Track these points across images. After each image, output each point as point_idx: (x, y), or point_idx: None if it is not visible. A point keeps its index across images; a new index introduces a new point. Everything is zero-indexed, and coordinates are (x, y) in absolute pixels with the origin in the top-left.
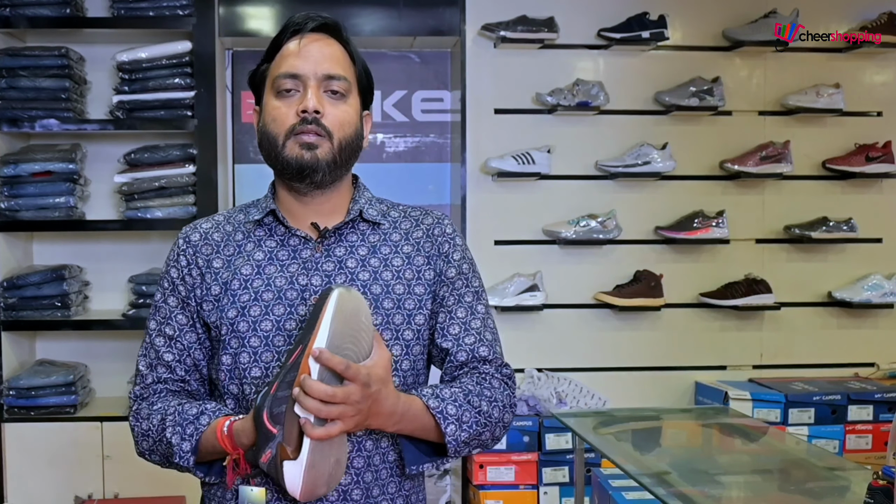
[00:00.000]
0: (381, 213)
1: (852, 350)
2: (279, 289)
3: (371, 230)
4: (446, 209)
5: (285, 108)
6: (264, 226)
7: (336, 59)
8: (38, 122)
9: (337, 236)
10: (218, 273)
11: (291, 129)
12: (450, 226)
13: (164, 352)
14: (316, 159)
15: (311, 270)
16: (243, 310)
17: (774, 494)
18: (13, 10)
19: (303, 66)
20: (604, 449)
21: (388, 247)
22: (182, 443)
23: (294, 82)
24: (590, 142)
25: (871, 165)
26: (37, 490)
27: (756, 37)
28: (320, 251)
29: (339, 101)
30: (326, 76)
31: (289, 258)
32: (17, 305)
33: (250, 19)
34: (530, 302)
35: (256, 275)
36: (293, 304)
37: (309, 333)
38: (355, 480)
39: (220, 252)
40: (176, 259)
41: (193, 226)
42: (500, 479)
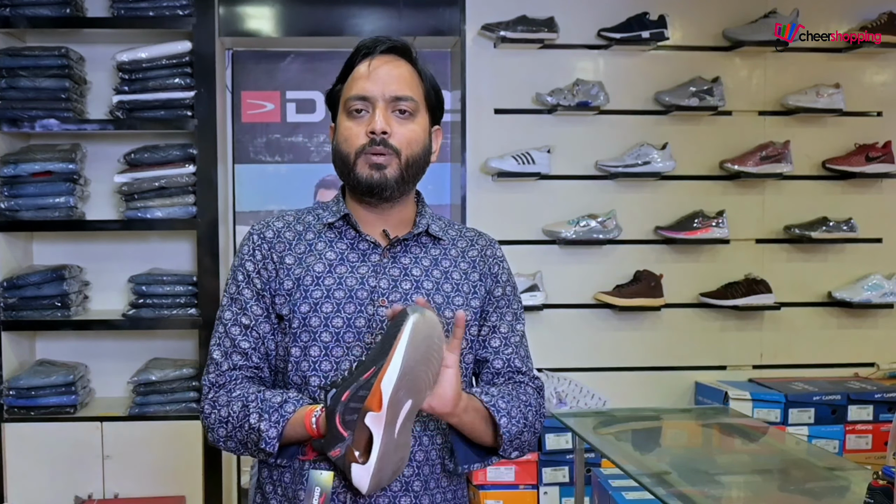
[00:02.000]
0: (442, 230)
1: (852, 350)
2: (350, 288)
3: (433, 244)
4: (446, 209)
5: (356, 128)
6: (335, 229)
7: (404, 79)
8: (38, 122)
9: (403, 246)
10: (290, 269)
11: (361, 149)
12: (499, 249)
13: (241, 340)
14: (385, 178)
15: (379, 274)
16: (316, 305)
17: (774, 494)
18: (13, 10)
19: (372, 88)
20: (604, 449)
21: (448, 261)
22: (269, 429)
23: (364, 103)
24: (590, 142)
25: (871, 165)
26: (37, 490)
27: (756, 37)
28: (388, 257)
29: (407, 120)
30: (394, 97)
31: (359, 260)
32: (17, 305)
33: (250, 19)
34: (530, 302)
35: (328, 273)
36: (363, 304)
37: (383, 356)
38: (416, 473)
39: (291, 249)
40: (252, 253)
41: (266, 223)
42: (500, 479)
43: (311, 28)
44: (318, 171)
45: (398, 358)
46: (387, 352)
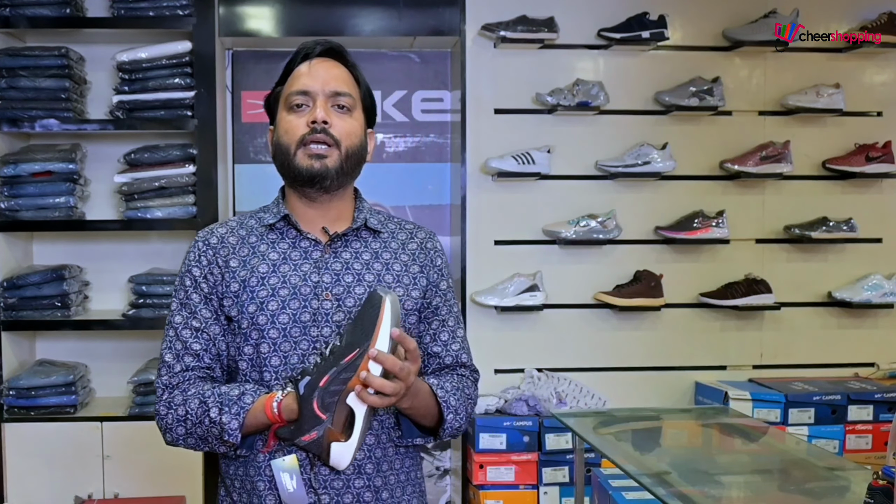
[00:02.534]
0: (381, 223)
1: (852, 350)
2: (294, 285)
3: (373, 238)
4: (446, 209)
5: (297, 120)
6: (276, 230)
7: (342, 78)
8: (38, 122)
9: (343, 241)
10: (235, 272)
11: (302, 139)
12: (439, 242)
13: (192, 342)
14: (325, 168)
15: (321, 269)
16: (262, 304)
17: (774, 494)
18: (13, 10)
19: (312, 83)
20: (604, 449)
21: (388, 253)
22: (231, 421)
23: (304, 98)
24: (590, 142)
25: (871, 165)
26: (37, 490)
27: (756, 37)
28: (329, 253)
29: (346, 114)
30: (334, 92)
31: (301, 258)
32: (17, 305)
33: (250, 19)
34: (530, 302)
35: (272, 273)
36: (307, 299)
37: (366, 338)
38: (368, 456)
39: (235, 253)
40: (197, 259)
41: (210, 230)
42: (500, 479)
43: (311, 28)
44: None
45: (384, 337)
46: (369, 333)
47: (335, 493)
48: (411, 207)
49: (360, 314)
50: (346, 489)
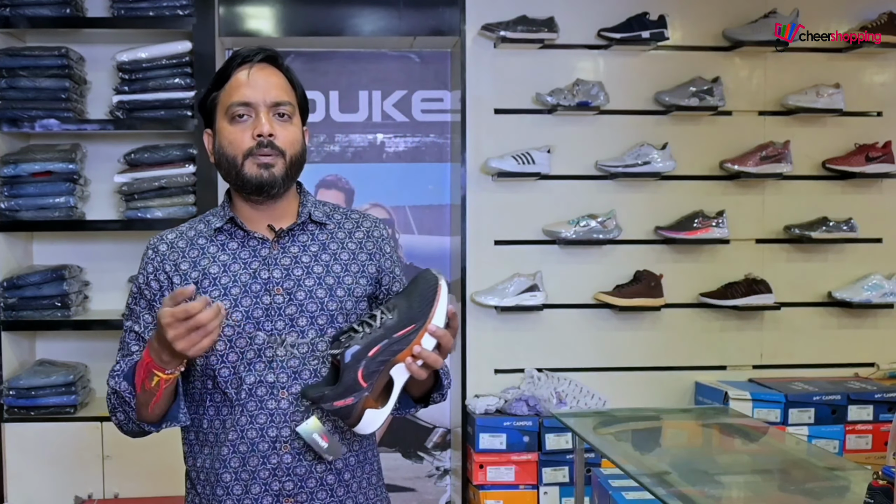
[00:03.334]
0: (325, 215)
1: (852, 350)
2: (245, 283)
3: (319, 230)
4: (446, 209)
5: (240, 132)
6: (225, 231)
7: (281, 87)
8: (38, 122)
9: (290, 236)
10: (186, 274)
11: (249, 151)
12: (386, 229)
13: (133, 344)
14: (273, 177)
15: (271, 266)
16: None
17: (774, 494)
18: (13, 10)
19: (253, 94)
20: (604, 449)
21: (335, 244)
22: (122, 381)
23: (246, 109)
24: (590, 142)
25: (871, 165)
26: (37, 490)
27: (756, 37)
28: (277, 249)
29: (287, 122)
30: (275, 103)
31: (250, 257)
32: (17, 305)
33: (250, 19)
34: (530, 302)
35: (223, 273)
36: (258, 295)
37: (422, 314)
38: None
39: (185, 256)
40: (144, 267)
41: (160, 237)
42: (500, 479)
43: (311, 28)
44: (318, 172)
45: (441, 313)
46: (425, 309)
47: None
48: (411, 207)
49: (411, 291)
50: (308, 474)
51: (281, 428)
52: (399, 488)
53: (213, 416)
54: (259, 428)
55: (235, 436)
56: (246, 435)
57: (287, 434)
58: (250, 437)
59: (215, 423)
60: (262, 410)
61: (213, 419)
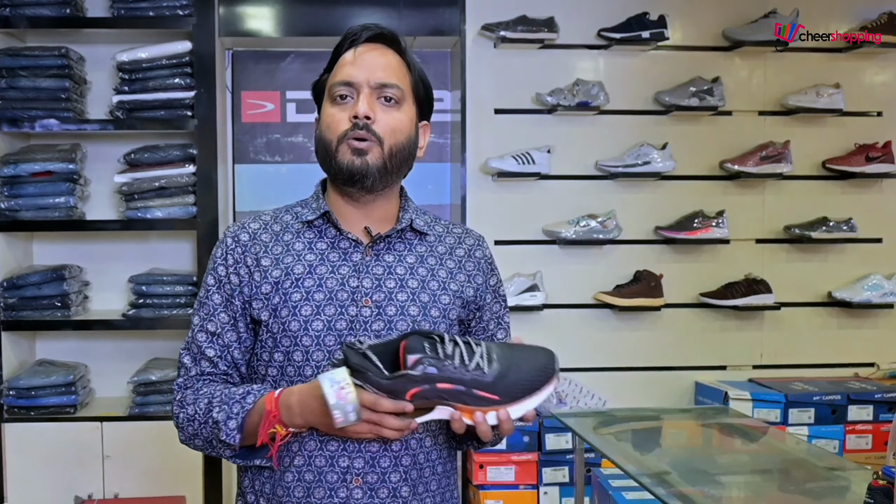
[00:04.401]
0: (427, 225)
1: (852, 350)
2: (330, 290)
3: (418, 240)
4: (446, 209)
5: (339, 114)
6: (314, 227)
7: (391, 67)
8: (38, 122)
9: (386, 243)
10: (267, 271)
11: (344, 134)
12: (488, 249)
13: (206, 347)
14: (366, 165)
15: (362, 273)
16: (295, 309)
17: (774, 494)
18: (13, 10)
19: (357, 73)
20: (604, 449)
21: (434, 258)
22: (228, 420)
23: (349, 90)
24: (590, 142)
25: (871, 165)
26: (37, 490)
27: (756, 37)
28: (370, 255)
29: (392, 108)
30: (380, 84)
31: (340, 260)
32: (17, 305)
33: (250, 19)
34: (530, 302)
35: (308, 274)
36: (344, 305)
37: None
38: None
39: (268, 251)
40: (224, 258)
41: (242, 225)
42: (500, 479)
43: (311, 28)
44: (319, 172)
45: (520, 410)
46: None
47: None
48: None
49: (524, 361)
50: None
51: (354, 458)
52: None
53: None
54: (329, 456)
55: (302, 461)
56: (314, 462)
57: (360, 466)
58: (318, 465)
59: None
60: (335, 437)
61: None
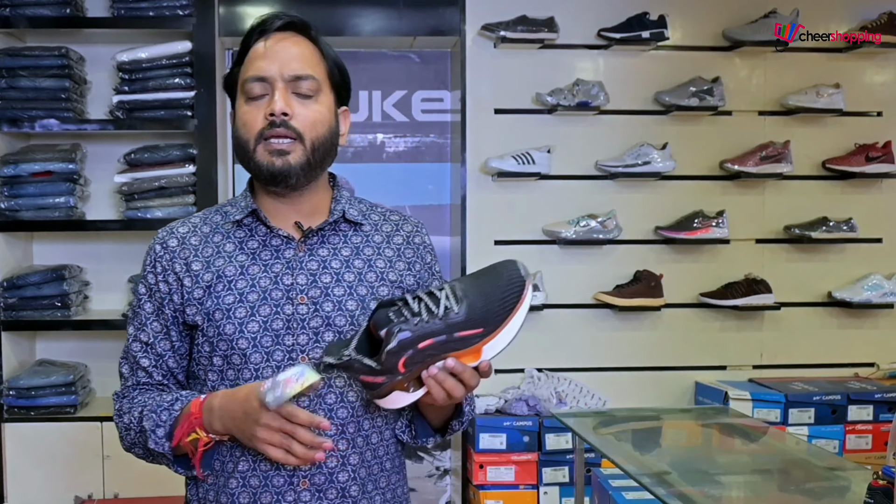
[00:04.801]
0: (362, 214)
1: (852, 350)
2: (264, 289)
3: (353, 231)
4: (446, 209)
5: (254, 111)
6: (244, 226)
7: (304, 58)
8: (38, 122)
9: (319, 236)
10: (198, 275)
11: (261, 134)
12: (427, 235)
13: (141, 357)
14: (288, 165)
15: (295, 270)
16: (228, 311)
17: (774, 494)
18: (13, 10)
19: (269, 67)
20: (604, 449)
21: (370, 248)
22: (157, 428)
23: (262, 85)
24: (590, 142)
25: (871, 165)
26: (37, 490)
27: (756, 37)
28: (303, 251)
29: (310, 101)
30: (294, 77)
31: (272, 258)
32: (17, 305)
33: (250, 19)
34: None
35: (240, 275)
36: (279, 304)
37: (495, 322)
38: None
39: (198, 255)
40: (152, 265)
41: (170, 230)
42: (500, 479)
43: None
44: None
45: (514, 327)
46: (501, 317)
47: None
48: (411, 207)
49: (489, 284)
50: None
51: None
52: None
53: None
54: None
55: (246, 466)
56: (258, 467)
57: (307, 468)
58: (263, 469)
59: (221, 448)
60: None
61: (218, 444)
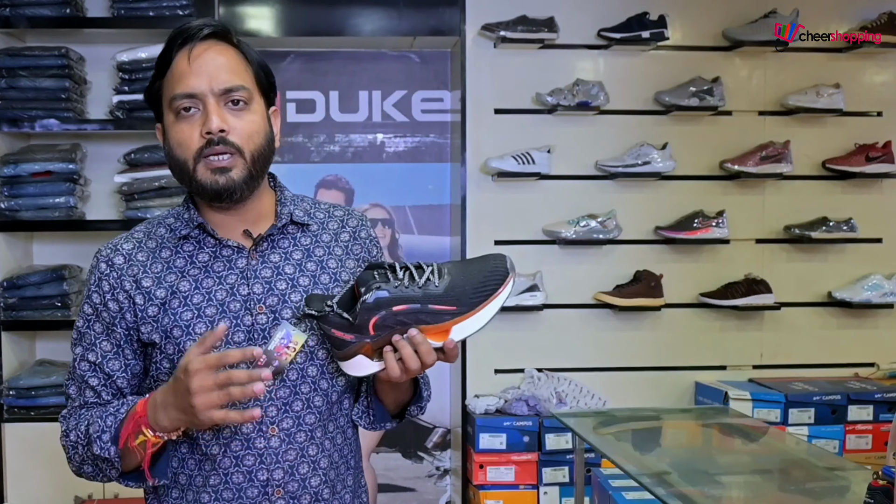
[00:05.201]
0: (307, 214)
1: (852, 350)
2: (221, 302)
3: (301, 232)
4: (446, 209)
5: (188, 129)
6: (192, 239)
7: (231, 68)
8: (38, 122)
9: (269, 242)
10: (150, 292)
11: (199, 152)
12: (370, 227)
13: (90, 377)
14: (231, 182)
15: (250, 279)
16: (188, 328)
17: (774, 494)
18: (13, 10)
19: (197, 83)
20: (604, 449)
21: (320, 249)
22: (102, 433)
23: (192, 101)
24: (590, 142)
25: (871, 165)
26: (37, 490)
27: (756, 37)
28: (255, 258)
29: (243, 111)
30: (225, 90)
31: (225, 269)
32: (17, 305)
33: (250, 19)
34: (530, 302)
35: (195, 290)
36: (238, 316)
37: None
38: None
39: (147, 271)
40: (97, 284)
41: (114, 247)
42: (500, 479)
43: (311, 28)
44: (319, 171)
45: (487, 315)
46: (477, 301)
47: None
48: (411, 207)
49: (475, 268)
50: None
51: (273, 470)
52: (399, 488)
53: (185, 456)
54: (246, 471)
55: (218, 480)
56: (231, 479)
57: (280, 476)
58: (236, 481)
59: (189, 463)
60: (250, 451)
61: (185, 459)
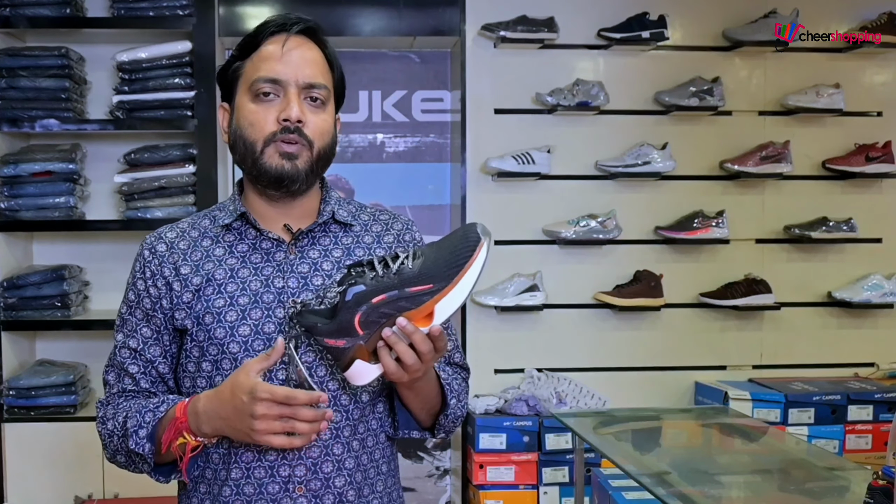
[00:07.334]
0: (351, 215)
1: (852, 350)
2: (254, 292)
3: (343, 232)
4: (446, 209)
5: (264, 112)
6: (233, 230)
7: (318, 65)
8: (38, 122)
9: (310, 238)
10: (187, 279)
11: (272, 136)
12: (418, 232)
13: (130, 364)
14: (296, 169)
15: (286, 273)
16: (219, 315)
17: (774, 494)
18: (13, 10)
19: (284, 71)
20: (604, 449)
21: (361, 249)
22: (139, 429)
23: (274, 87)
24: (590, 142)
25: (871, 165)
26: (37, 490)
27: (756, 37)
28: (294, 253)
29: (319, 109)
30: (308, 84)
31: (262, 261)
32: (17, 305)
33: (250, 19)
34: (530, 302)
35: (230, 279)
36: (270, 307)
37: (446, 278)
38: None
39: (187, 259)
40: (142, 271)
41: (158, 235)
42: (500, 479)
43: None
44: None
45: (466, 286)
46: (453, 273)
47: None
48: (411, 207)
49: (447, 243)
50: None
51: (295, 466)
52: None
53: (210, 450)
54: (268, 466)
55: (239, 474)
56: (253, 474)
57: (302, 473)
58: (258, 476)
59: (213, 456)
60: None
61: (210, 452)
